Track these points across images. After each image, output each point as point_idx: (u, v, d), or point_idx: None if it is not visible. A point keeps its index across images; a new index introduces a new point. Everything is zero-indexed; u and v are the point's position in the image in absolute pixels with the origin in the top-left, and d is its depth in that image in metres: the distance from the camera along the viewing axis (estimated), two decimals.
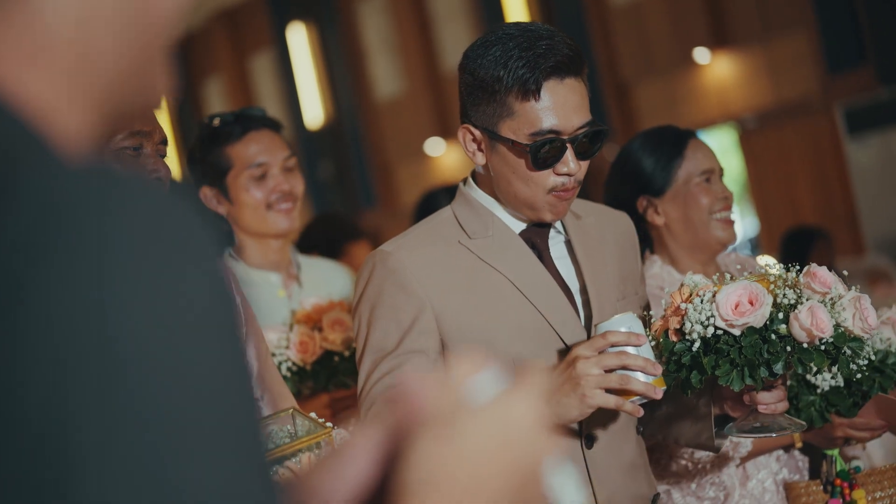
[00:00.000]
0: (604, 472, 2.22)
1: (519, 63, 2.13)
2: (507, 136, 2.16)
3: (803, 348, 2.08)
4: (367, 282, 2.22)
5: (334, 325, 2.98)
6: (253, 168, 3.10)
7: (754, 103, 10.43)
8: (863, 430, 2.52)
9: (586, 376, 2.02)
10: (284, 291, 3.20)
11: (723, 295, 2.08)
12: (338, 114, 14.42)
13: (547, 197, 2.19)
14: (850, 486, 2.60)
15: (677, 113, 10.76)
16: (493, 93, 2.16)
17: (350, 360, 2.96)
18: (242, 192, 3.12)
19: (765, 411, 2.19)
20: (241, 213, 3.14)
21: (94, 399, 0.59)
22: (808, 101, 9.89)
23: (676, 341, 2.14)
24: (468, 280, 2.21)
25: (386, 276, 2.18)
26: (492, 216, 2.26)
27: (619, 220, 2.47)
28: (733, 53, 10.48)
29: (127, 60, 0.74)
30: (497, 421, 0.75)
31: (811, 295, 2.11)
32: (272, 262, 3.19)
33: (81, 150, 0.70)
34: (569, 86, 2.15)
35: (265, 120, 3.18)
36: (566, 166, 2.16)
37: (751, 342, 2.08)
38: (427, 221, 2.32)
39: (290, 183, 3.15)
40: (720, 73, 10.64)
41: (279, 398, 2.30)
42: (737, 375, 2.09)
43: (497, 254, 2.23)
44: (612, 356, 2.04)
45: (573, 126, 2.15)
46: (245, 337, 2.25)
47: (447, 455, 0.73)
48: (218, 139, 3.12)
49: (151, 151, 2.10)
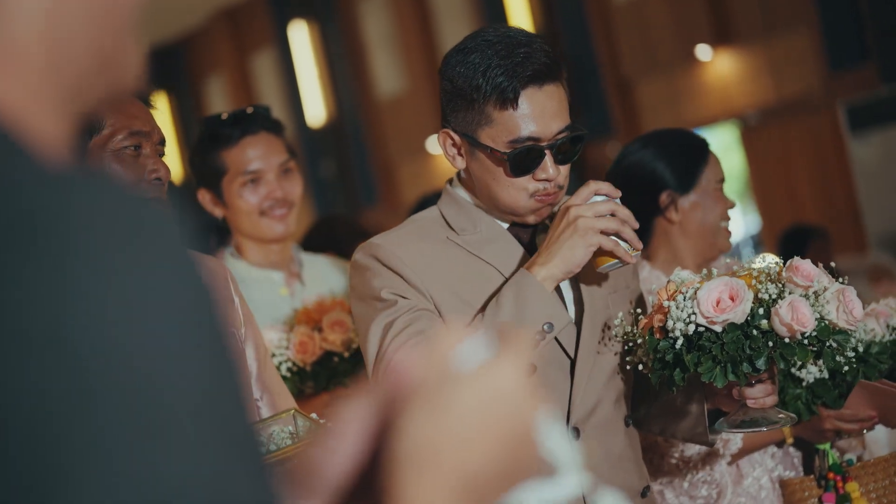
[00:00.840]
0: (590, 464, 2.20)
1: (497, 71, 2.15)
2: (486, 143, 2.19)
3: (785, 343, 2.07)
4: (361, 269, 2.24)
5: (334, 326, 2.98)
6: (246, 174, 3.09)
7: (756, 100, 10.41)
8: (851, 420, 2.52)
9: (582, 217, 2.12)
10: (287, 289, 3.20)
11: (704, 291, 2.08)
12: (339, 112, 14.43)
13: (529, 202, 2.21)
14: (844, 480, 2.60)
15: (679, 110, 10.75)
16: (472, 101, 2.18)
17: (350, 360, 2.97)
18: (236, 197, 3.11)
19: (753, 405, 2.19)
20: (237, 218, 3.14)
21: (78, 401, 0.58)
22: (810, 98, 9.87)
23: (660, 339, 2.14)
24: (459, 273, 2.24)
25: (378, 264, 2.21)
26: (480, 213, 2.29)
27: None
28: (735, 50, 10.45)
29: (98, 47, 0.73)
30: (484, 388, 0.75)
31: (793, 289, 2.10)
32: (274, 262, 3.19)
33: (58, 153, 0.70)
34: (547, 92, 2.17)
35: (264, 122, 3.15)
36: (545, 172, 2.18)
37: (732, 338, 2.08)
38: (413, 220, 2.34)
39: (285, 189, 3.13)
40: (722, 71, 10.62)
41: (279, 399, 2.31)
42: (720, 372, 2.10)
43: (487, 248, 2.26)
44: (602, 203, 2.15)
45: (552, 132, 2.18)
46: (244, 338, 2.27)
47: (437, 425, 0.74)
48: (216, 142, 3.11)
49: (151, 151, 2.12)
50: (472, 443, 0.74)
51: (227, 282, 2.29)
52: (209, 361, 0.63)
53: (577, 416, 2.24)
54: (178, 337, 0.62)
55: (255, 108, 3.19)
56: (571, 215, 2.12)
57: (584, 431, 2.24)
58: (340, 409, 0.79)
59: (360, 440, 0.78)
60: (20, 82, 0.70)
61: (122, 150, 2.07)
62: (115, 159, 2.07)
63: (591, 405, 2.26)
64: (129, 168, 2.07)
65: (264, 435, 1.74)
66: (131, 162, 2.08)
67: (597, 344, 2.29)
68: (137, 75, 0.76)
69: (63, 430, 0.58)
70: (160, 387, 0.60)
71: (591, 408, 2.25)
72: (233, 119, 3.13)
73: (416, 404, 0.74)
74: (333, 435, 0.78)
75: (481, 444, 0.74)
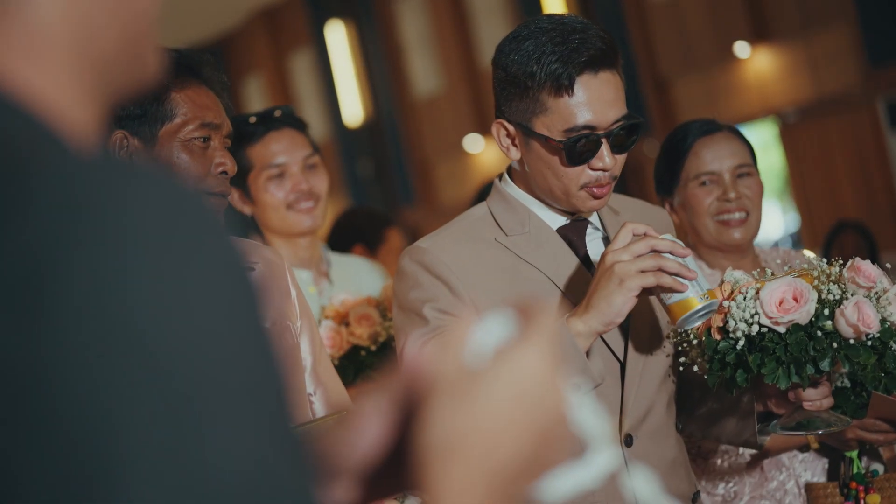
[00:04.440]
0: (645, 472, 2.20)
1: (552, 58, 2.09)
2: (541, 132, 2.13)
3: (850, 345, 2.06)
4: (403, 278, 2.20)
5: (361, 320, 3.00)
6: (271, 168, 3.12)
7: (795, 97, 10.35)
8: (873, 430, 2.43)
9: (619, 262, 1.98)
10: (315, 288, 3.21)
11: (767, 292, 2.06)
12: (377, 111, 14.44)
13: (580, 192, 2.16)
14: (866, 490, 2.53)
15: (717, 108, 10.70)
16: (526, 88, 2.12)
17: (376, 354, 2.99)
18: (262, 192, 3.13)
19: (810, 408, 2.17)
20: (264, 214, 3.16)
21: (128, 393, 0.59)
22: (849, 94, 9.81)
23: (720, 339, 2.11)
24: (506, 277, 2.19)
25: (423, 270, 2.17)
26: (528, 212, 2.24)
27: (657, 215, 2.45)
28: (774, 47, 10.41)
29: (121, 39, 0.73)
30: (510, 373, 0.74)
31: (856, 290, 2.09)
32: (302, 260, 3.21)
33: (89, 141, 0.69)
34: (603, 79, 2.11)
35: (288, 119, 3.18)
36: (601, 161, 2.12)
37: (796, 339, 2.05)
38: (462, 219, 2.29)
39: (311, 182, 3.15)
40: (760, 68, 10.57)
41: (333, 394, 2.29)
42: (783, 373, 2.07)
43: (534, 250, 2.21)
44: (639, 242, 2.00)
45: (608, 120, 2.12)
46: (299, 331, 2.24)
47: (464, 416, 0.73)
48: (240, 140, 3.14)
49: (219, 144, 2.12)
50: (502, 432, 0.73)
51: (285, 273, 2.26)
52: (253, 354, 0.64)
53: (630, 423, 2.17)
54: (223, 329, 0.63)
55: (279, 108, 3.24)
56: (608, 262, 2.00)
57: (637, 438, 2.18)
58: (363, 397, 0.79)
59: (383, 427, 0.78)
60: (47, 68, 0.69)
61: (192, 141, 2.07)
62: (184, 149, 2.07)
63: (644, 410, 2.20)
64: (196, 159, 2.07)
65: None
66: (199, 153, 2.08)
67: (646, 346, 2.23)
68: (157, 68, 0.77)
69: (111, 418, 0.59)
70: (205, 378, 0.61)
71: (643, 413, 2.19)
72: (257, 118, 3.18)
73: (440, 394, 0.74)
74: (356, 421, 0.79)
75: (510, 433, 0.74)
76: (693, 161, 2.78)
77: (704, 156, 2.77)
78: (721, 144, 2.79)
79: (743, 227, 2.77)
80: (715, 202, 2.76)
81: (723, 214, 2.76)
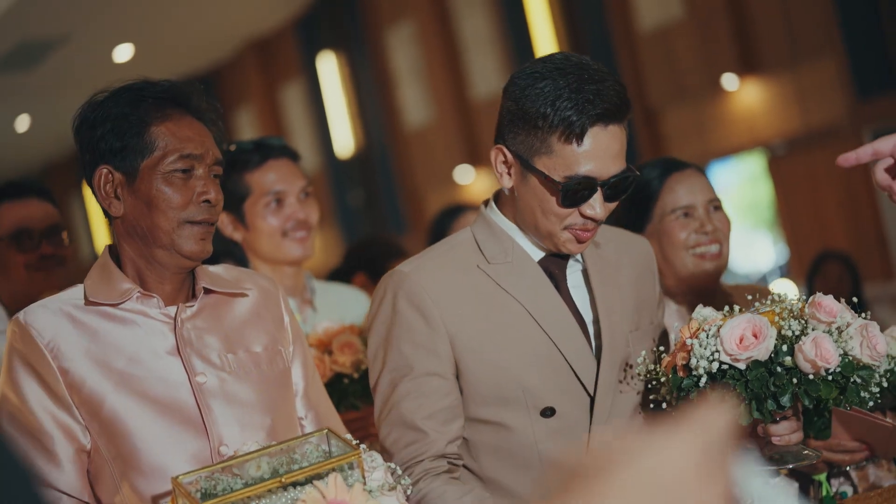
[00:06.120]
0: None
1: (567, 104, 2.12)
2: (541, 169, 2.17)
3: (809, 380, 2.07)
4: (383, 302, 2.24)
5: (343, 348, 3.02)
6: (270, 195, 3.15)
7: (783, 129, 10.38)
8: (839, 451, 2.46)
9: None
10: (299, 316, 3.23)
11: (727, 329, 2.08)
12: (368, 142, 14.47)
13: (564, 232, 2.20)
14: None
15: (706, 139, 10.74)
16: (536, 128, 2.15)
17: (359, 381, 3.00)
18: (259, 219, 3.17)
19: (778, 443, 2.18)
20: (257, 240, 3.19)
21: None
22: (836, 126, 9.84)
23: (684, 377, 2.13)
24: (484, 305, 2.22)
25: (403, 297, 2.20)
26: (512, 242, 2.27)
27: (637, 245, 2.48)
28: (762, 80, 10.44)
29: None
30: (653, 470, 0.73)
31: (817, 325, 2.10)
32: (287, 288, 3.23)
33: None
34: (612, 133, 2.15)
35: (284, 149, 3.23)
36: (592, 209, 2.17)
37: (756, 375, 2.07)
38: (445, 243, 2.33)
39: (306, 212, 3.20)
40: (749, 100, 10.61)
41: (324, 418, 2.31)
42: (745, 409, 2.09)
43: (515, 280, 2.24)
44: None
45: (608, 174, 2.16)
46: (291, 356, 2.26)
47: None
48: (237, 166, 3.17)
49: (204, 173, 2.13)
50: None
51: (279, 300, 2.31)
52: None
53: None
54: None
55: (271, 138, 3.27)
56: None
57: None
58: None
59: None
60: None
61: (172, 174, 2.10)
62: (165, 182, 2.10)
63: None
64: (178, 190, 2.10)
65: (299, 452, 1.75)
66: (181, 185, 2.10)
67: (617, 382, 2.26)
68: None
69: None
70: None
71: None
72: (254, 145, 3.20)
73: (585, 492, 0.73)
74: None
75: None
76: (668, 196, 2.82)
77: (678, 190, 2.82)
78: (693, 179, 2.85)
79: (717, 260, 2.82)
80: (693, 234, 2.80)
81: (699, 248, 2.80)
